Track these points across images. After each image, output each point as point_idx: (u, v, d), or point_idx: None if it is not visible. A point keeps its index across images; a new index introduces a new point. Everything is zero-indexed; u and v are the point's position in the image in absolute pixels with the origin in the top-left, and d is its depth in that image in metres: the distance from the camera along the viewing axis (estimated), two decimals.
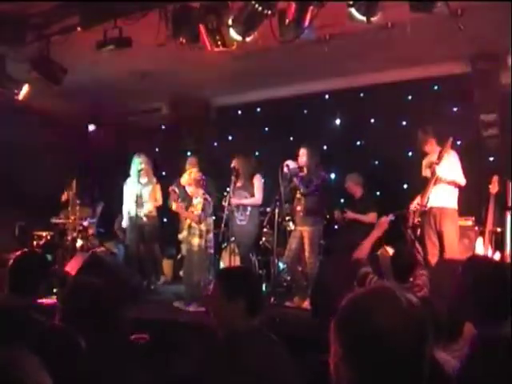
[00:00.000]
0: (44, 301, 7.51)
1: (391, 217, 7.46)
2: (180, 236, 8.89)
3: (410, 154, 9.46)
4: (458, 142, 8.23)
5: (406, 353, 1.67)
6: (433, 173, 7.64)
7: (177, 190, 9.00)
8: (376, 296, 1.76)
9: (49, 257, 10.31)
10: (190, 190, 8.76)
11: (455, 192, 7.74)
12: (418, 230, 7.79)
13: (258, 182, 9.00)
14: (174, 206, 8.82)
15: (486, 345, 2.93)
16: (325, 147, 10.17)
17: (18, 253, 3.92)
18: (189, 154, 10.76)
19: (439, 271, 6.81)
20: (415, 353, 1.69)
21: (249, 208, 8.91)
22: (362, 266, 5.26)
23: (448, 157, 7.59)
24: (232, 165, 8.97)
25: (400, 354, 1.66)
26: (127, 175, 9.83)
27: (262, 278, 9.23)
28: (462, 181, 7.68)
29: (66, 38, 7.12)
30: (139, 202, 9.40)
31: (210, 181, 9.06)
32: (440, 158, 7.54)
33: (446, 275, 5.87)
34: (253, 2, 6.07)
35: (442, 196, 7.69)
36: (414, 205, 7.85)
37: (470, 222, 8.36)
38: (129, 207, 9.63)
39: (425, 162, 8.03)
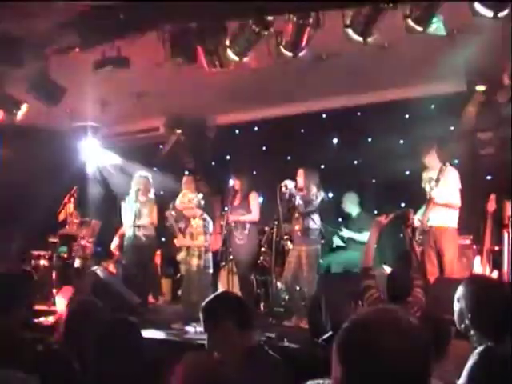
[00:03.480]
0: (43, 320, 7.56)
1: (390, 217, 7.48)
2: (178, 257, 8.86)
3: (408, 172, 9.47)
4: (456, 161, 8.26)
5: (407, 375, 1.67)
6: (431, 193, 7.67)
7: (173, 213, 8.99)
8: (377, 318, 1.76)
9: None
10: (186, 212, 8.77)
11: (455, 211, 7.76)
12: (417, 234, 7.82)
13: (254, 199, 9.02)
14: (177, 243, 8.82)
15: (486, 362, 2.93)
16: (322, 166, 10.19)
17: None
18: (186, 173, 10.77)
19: (437, 289, 6.81)
20: (417, 375, 1.69)
21: (247, 227, 8.91)
22: (367, 278, 5.29)
23: (446, 176, 7.61)
24: (230, 184, 8.99)
25: (401, 377, 1.67)
26: (126, 194, 9.83)
27: (260, 298, 9.23)
28: (458, 203, 7.71)
29: (65, 57, 7.16)
30: (137, 221, 9.37)
31: (207, 199, 9.09)
32: (437, 180, 7.57)
33: (444, 293, 5.87)
34: (250, 23, 6.11)
35: (442, 215, 7.70)
36: (416, 220, 7.88)
37: (467, 241, 8.37)
38: (127, 226, 9.60)
39: (424, 176, 8.06)
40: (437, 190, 7.59)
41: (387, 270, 7.52)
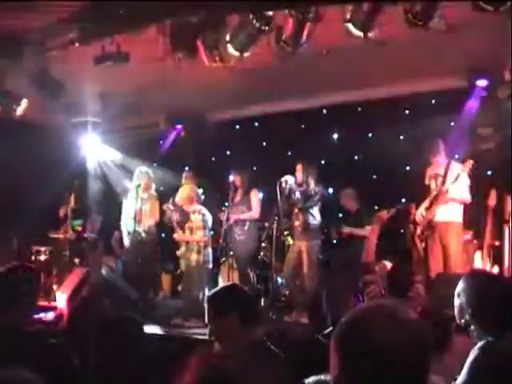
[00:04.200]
0: (43, 316, 7.57)
1: (392, 212, 7.48)
2: (178, 252, 8.87)
3: (408, 168, 9.47)
4: (456, 156, 8.25)
5: (405, 369, 1.67)
6: (441, 189, 7.67)
7: (171, 207, 8.99)
8: (375, 313, 1.76)
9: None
10: (185, 207, 8.77)
11: (460, 206, 7.77)
12: (419, 229, 7.83)
13: (254, 196, 9.04)
14: (176, 236, 8.82)
15: (487, 357, 2.94)
16: (322, 162, 10.19)
17: (2, 268, 3.90)
18: (186, 168, 10.77)
19: (439, 285, 6.81)
20: (414, 371, 1.69)
21: (247, 223, 8.93)
22: (368, 273, 5.30)
23: (461, 176, 7.63)
24: (230, 179, 9.00)
25: (399, 371, 1.66)
26: (126, 190, 9.83)
27: (261, 293, 9.23)
28: (469, 199, 7.74)
29: (65, 52, 7.14)
30: (138, 218, 9.36)
31: (207, 194, 9.11)
32: (457, 177, 7.57)
33: (445, 289, 5.87)
34: (250, 18, 6.10)
35: (448, 210, 7.71)
36: (418, 215, 7.89)
37: (468, 236, 8.36)
38: (128, 222, 9.59)
39: (429, 172, 8.06)
40: (454, 186, 7.60)
41: (388, 265, 7.54)
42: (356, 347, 1.70)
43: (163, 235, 10.69)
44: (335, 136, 10.89)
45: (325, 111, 10.65)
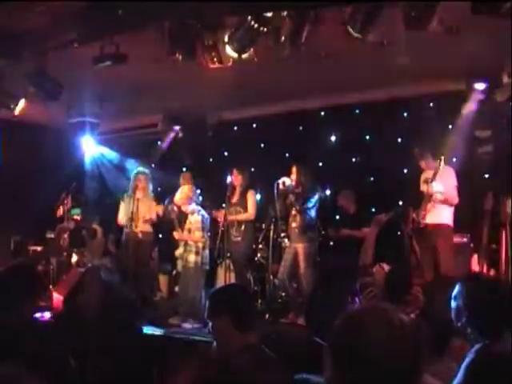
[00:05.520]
0: (39, 316, 7.55)
1: (390, 214, 7.45)
2: (176, 252, 8.87)
3: (406, 170, 9.47)
4: (454, 159, 8.24)
5: (397, 371, 1.67)
6: (427, 190, 7.67)
7: (175, 208, 9.00)
8: (369, 316, 1.76)
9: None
10: (183, 207, 8.76)
11: (450, 209, 7.75)
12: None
13: (251, 197, 9.03)
14: (176, 235, 8.81)
15: (483, 360, 2.94)
16: (320, 164, 10.18)
17: (3, 268, 3.89)
18: (184, 169, 10.77)
19: (434, 287, 6.81)
20: (407, 371, 1.69)
21: (244, 224, 8.91)
22: (365, 276, 5.29)
23: (442, 174, 7.62)
24: (228, 180, 8.99)
25: (392, 374, 1.67)
26: (124, 190, 9.82)
27: (257, 295, 9.22)
28: (455, 199, 7.71)
29: (64, 53, 7.14)
30: (135, 218, 9.34)
31: (205, 194, 9.11)
32: (434, 175, 7.58)
33: (440, 291, 5.88)
34: (249, 20, 6.10)
35: (437, 213, 7.70)
36: (410, 219, 7.89)
37: (464, 239, 8.36)
38: (125, 223, 9.57)
39: (422, 178, 8.06)
40: (433, 185, 7.59)
41: (386, 267, 7.54)
42: (349, 349, 1.71)
43: (160, 236, 10.69)
44: (333, 138, 10.87)
45: (323, 113, 10.66)
